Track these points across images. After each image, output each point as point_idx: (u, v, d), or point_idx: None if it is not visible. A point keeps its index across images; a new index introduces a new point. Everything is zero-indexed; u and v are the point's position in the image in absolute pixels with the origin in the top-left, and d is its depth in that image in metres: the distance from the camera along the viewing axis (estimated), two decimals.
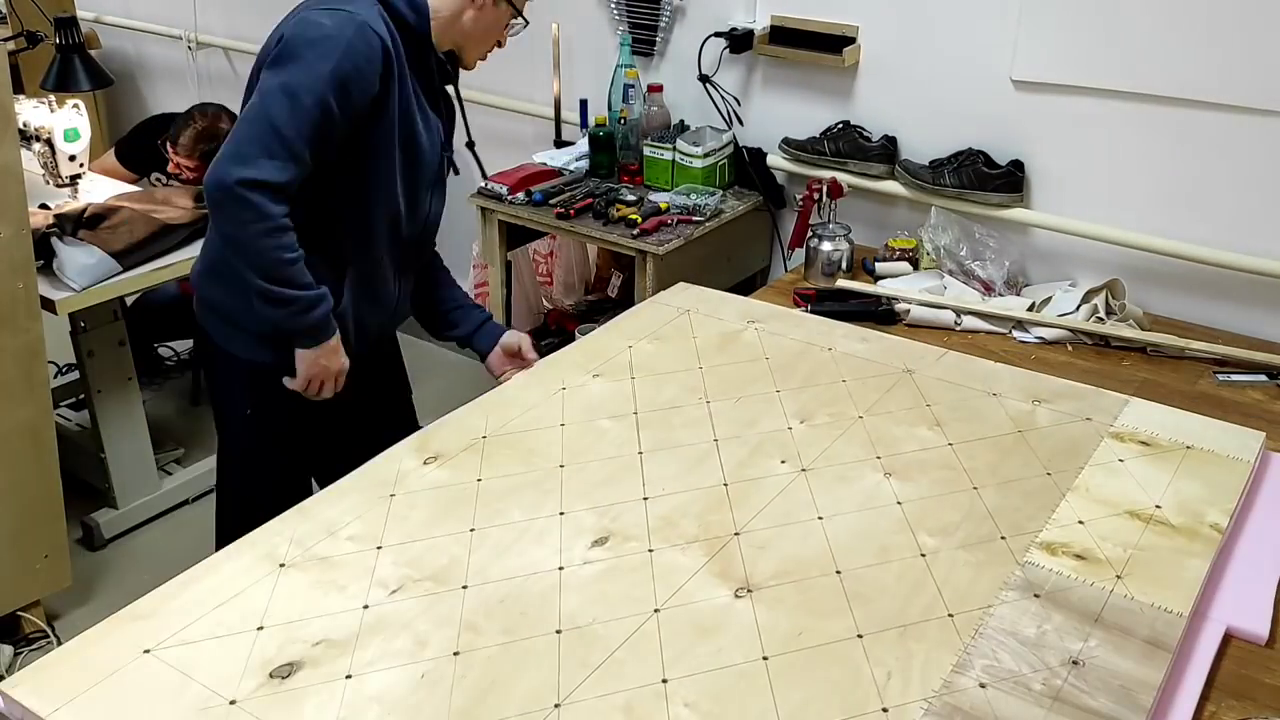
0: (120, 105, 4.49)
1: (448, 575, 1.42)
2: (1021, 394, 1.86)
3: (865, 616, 1.35)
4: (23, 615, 2.42)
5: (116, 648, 1.28)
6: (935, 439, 1.73)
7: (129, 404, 2.79)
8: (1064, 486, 1.61)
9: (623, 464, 1.66)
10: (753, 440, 1.72)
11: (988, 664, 1.27)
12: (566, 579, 1.41)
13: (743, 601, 1.37)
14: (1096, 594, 1.38)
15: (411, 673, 1.26)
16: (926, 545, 1.48)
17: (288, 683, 1.24)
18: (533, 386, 1.88)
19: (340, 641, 1.30)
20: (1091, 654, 1.29)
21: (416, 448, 1.70)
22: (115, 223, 2.56)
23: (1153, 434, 1.74)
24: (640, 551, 1.46)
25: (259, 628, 1.32)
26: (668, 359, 1.97)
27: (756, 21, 2.70)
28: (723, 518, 1.53)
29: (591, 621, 1.34)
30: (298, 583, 1.40)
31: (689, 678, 1.25)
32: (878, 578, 1.41)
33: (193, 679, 1.24)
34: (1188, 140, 2.24)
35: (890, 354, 2.00)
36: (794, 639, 1.31)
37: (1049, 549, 1.47)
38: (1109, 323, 2.21)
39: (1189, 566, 1.44)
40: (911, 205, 2.58)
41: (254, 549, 1.46)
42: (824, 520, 1.53)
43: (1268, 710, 1.30)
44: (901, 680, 1.25)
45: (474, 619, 1.34)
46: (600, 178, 2.82)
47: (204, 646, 1.29)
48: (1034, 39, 2.34)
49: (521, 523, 1.52)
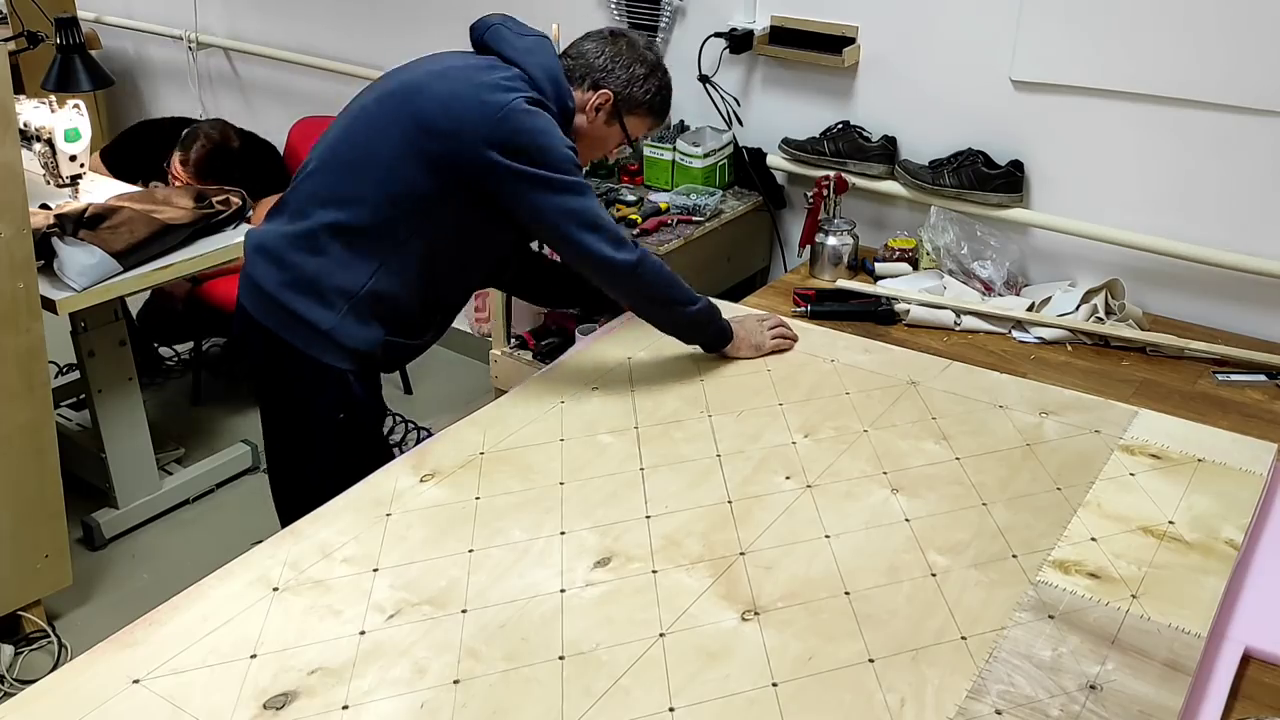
0: (121, 105, 4.47)
1: (446, 599, 1.38)
2: (1028, 406, 1.82)
3: (876, 640, 1.31)
4: (23, 615, 2.40)
5: (105, 677, 1.24)
6: (942, 453, 1.69)
7: (129, 404, 2.77)
8: (1075, 502, 1.57)
9: (624, 480, 1.62)
10: (756, 455, 1.68)
11: (1003, 689, 1.24)
12: (569, 602, 1.37)
13: (750, 625, 1.33)
14: (1112, 614, 1.35)
15: (410, 702, 1.22)
16: (937, 564, 1.44)
17: (282, 714, 1.20)
18: (531, 400, 1.84)
19: (336, 670, 1.26)
20: (1109, 678, 1.25)
21: (413, 464, 1.66)
22: (116, 223, 2.54)
23: (1163, 446, 1.71)
24: (644, 572, 1.43)
25: (252, 655, 1.28)
26: (668, 371, 1.94)
27: (756, 22, 2.67)
28: (727, 536, 1.50)
29: (595, 647, 1.30)
30: (292, 607, 1.36)
31: (697, 705, 1.21)
32: (888, 599, 1.38)
33: (184, 710, 1.20)
34: (1187, 140, 2.22)
35: (894, 365, 1.96)
36: (804, 664, 1.27)
37: (1062, 567, 1.44)
38: (1108, 323, 2.18)
39: (1205, 585, 1.41)
40: (911, 205, 2.56)
41: (247, 572, 1.42)
42: (831, 539, 1.49)
43: (1268, 710, 1.28)
44: (915, 707, 1.21)
45: (474, 645, 1.30)
46: (600, 178, 2.80)
47: (195, 676, 1.25)
48: (1034, 39, 2.32)
49: (522, 543, 1.49)
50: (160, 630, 1.32)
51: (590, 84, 1.87)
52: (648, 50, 1.92)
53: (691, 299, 1.88)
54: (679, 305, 1.88)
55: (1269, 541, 1.55)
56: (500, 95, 1.72)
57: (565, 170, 1.74)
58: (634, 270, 1.80)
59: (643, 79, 1.89)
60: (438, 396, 3.43)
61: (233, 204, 2.71)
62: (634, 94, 1.88)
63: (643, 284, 1.83)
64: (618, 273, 1.79)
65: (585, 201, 1.76)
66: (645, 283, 1.83)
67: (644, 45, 1.92)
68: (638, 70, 1.88)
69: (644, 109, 1.91)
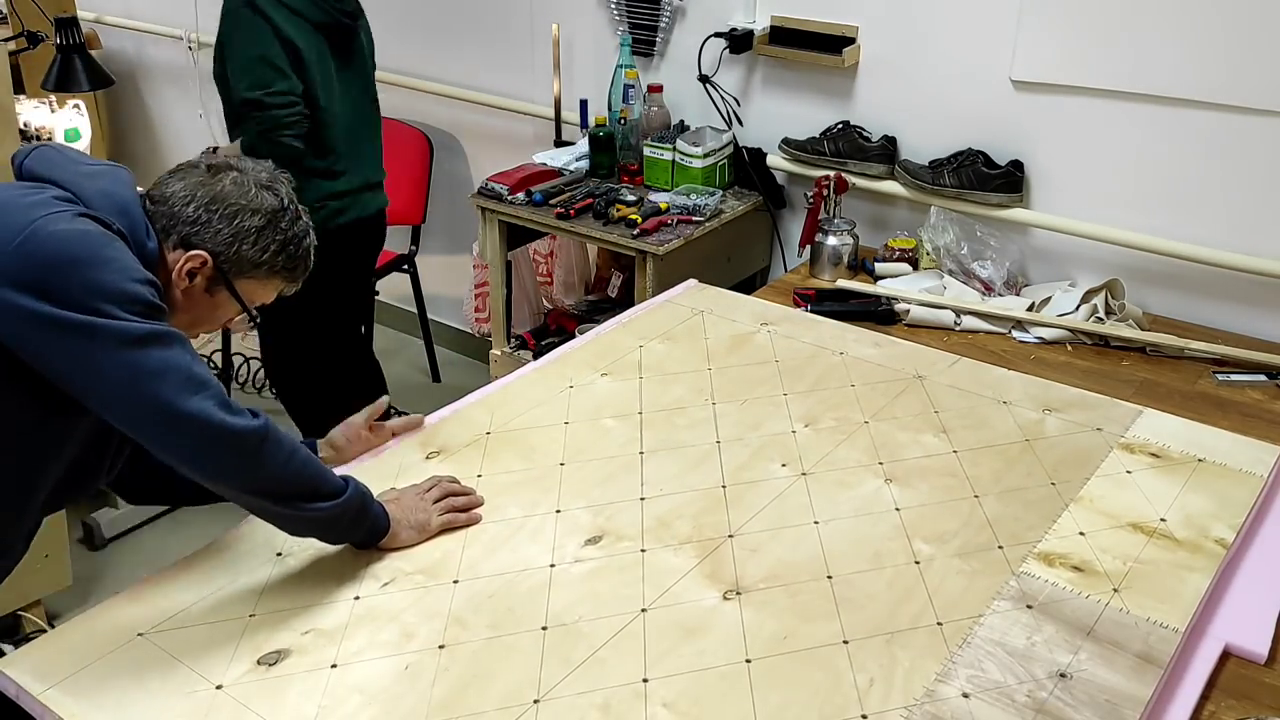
0: (121, 106, 4.50)
1: (440, 569, 1.43)
2: (1032, 403, 1.83)
3: (852, 622, 1.34)
4: (23, 615, 2.42)
5: (111, 630, 1.31)
6: (940, 446, 1.71)
7: None
8: (1068, 497, 1.58)
9: (623, 463, 1.66)
10: (755, 443, 1.72)
11: (973, 674, 1.26)
12: (557, 576, 1.42)
13: (730, 604, 1.37)
14: (1091, 606, 1.36)
15: (395, 664, 1.27)
16: (921, 552, 1.46)
17: (274, 670, 1.26)
18: (539, 383, 1.89)
19: (329, 631, 1.32)
20: (1080, 667, 1.27)
21: (420, 442, 1.71)
22: None
23: (1164, 446, 1.71)
24: (633, 551, 1.47)
25: (251, 615, 1.34)
26: (678, 359, 1.97)
27: (756, 22, 2.69)
28: (718, 519, 1.53)
29: (578, 619, 1.34)
30: (293, 572, 1.42)
31: (670, 678, 1.25)
32: (868, 584, 1.41)
33: (181, 662, 1.26)
34: (1187, 140, 2.21)
35: (902, 359, 1.98)
36: (779, 642, 1.30)
37: (1046, 560, 1.45)
38: (1108, 323, 2.18)
39: (1189, 581, 1.41)
40: (911, 205, 2.57)
41: (253, 537, 1.49)
42: (820, 525, 1.52)
43: (1268, 710, 1.28)
44: (884, 687, 1.24)
45: (462, 613, 1.35)
46: (600, 178, 2.81)
47: (196, 631, 1.31)
48: (1034, 39, 2.32)
49: (517, 519, 1.53)
50: (168, 587, 1.39)
51: (177, 241, 1.36)
52: (265, 191, 1.40)
53: (335, 487, 1.37)
54: (318, 497, 1.35)
55: (1262, 542, 1.55)
56: (25, 215, 1.23)
57: (137, 310, 1.23)
58: (261, 444, 1.28)
59: (254, 234, 1.38)
60: (438, 396, 3.47)
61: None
62: (243, 254, 1.38)
63: (272, 465, 1.30)
64: (238, 447, 1.26)
65: (174, 355, 1.24)
66: (276, 463, 1.30)
67: (258, 183, 1.40)
68: (247, 222, 1.37)
69: (263, 271, 1.41)
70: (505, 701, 1.21)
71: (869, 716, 1.20)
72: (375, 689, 1.23)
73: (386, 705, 1.21)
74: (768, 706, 1.21)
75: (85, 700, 1.21)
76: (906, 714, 1.20)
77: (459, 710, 1.20)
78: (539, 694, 1.23)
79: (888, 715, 1.20)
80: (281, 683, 1.24)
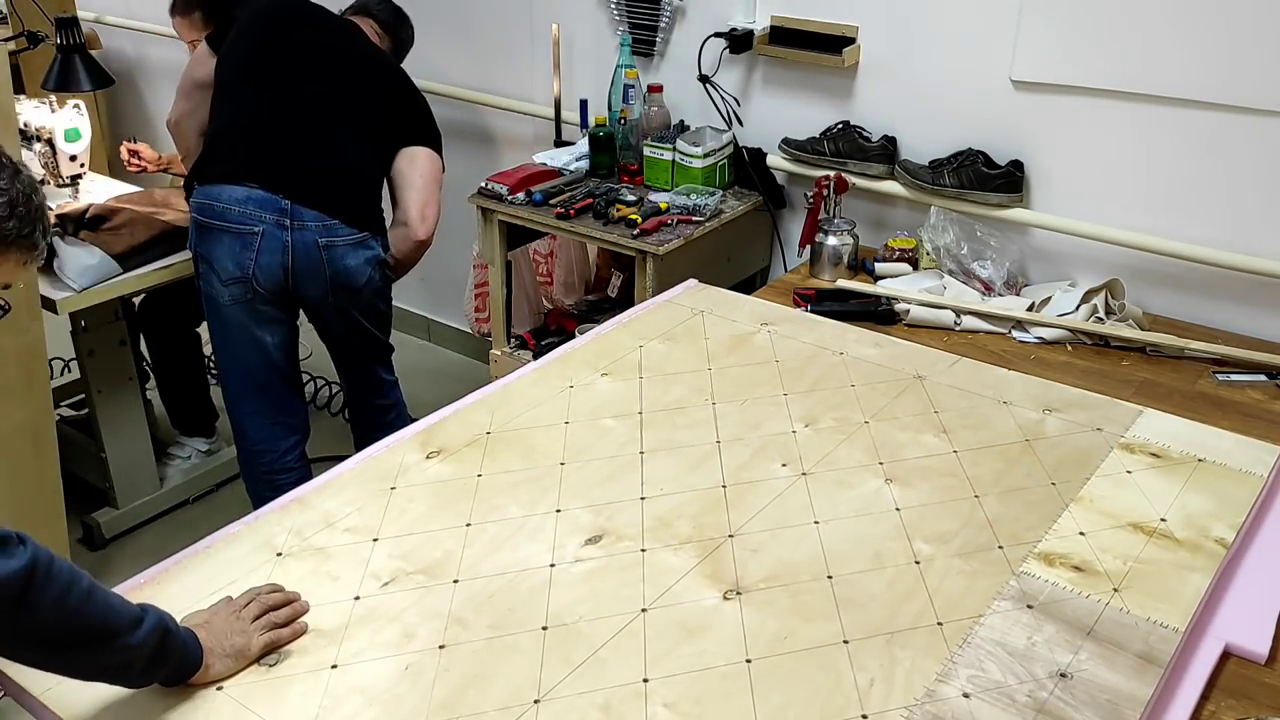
0: (121, 105, 4.50)
1: (440, 569, 1.43)
2: (1033, 403, 1.83)
3: (853, 622, 1.34)
4: None
5: None
6: (940, 446, 1.71)
7: (129, 404, 2.78)
8: (1068, 497, 1.58)
9: (623, 463, 1.66)
10: (755, 443, 1.72)
11: (973, 674, 1.26)
12: (557, 576, 1.42)
13: (731, 604, 1.37)
14: (1091, 606, 1.36)
15: (395, 664, 1.27)
16: (921, 553, 1.46)
17: (275, 670, 1.26)
18: (540, 383, 1.89)
19: (329, 631, 1.32)
20: (1080, 667, 1.27)
21: (421, 441, 1.71)
22: (117, 224, 2.56)
23: (1164, 446, 1.71)
24: (633, 551, 1.47)
25: None
26: (678, 359, 1.97)
27: (756, 22, 2.69)
28: (718, 519, 1.53)
29: (578, 619, 1.34)
30: (293, 572, 1.42)
31: (670, 678, 1.25)
32: (869, 584, 1.41)
33: None
34: (1187, 140, 2.21)
35: (902, 359, 1.98)
36: (779, 642, 1.31)
37: (1046, 559, 1.45)
38: (1108, 323, 2.18)
39: (1189, 581, 1.41)
40: (911, 205, 2.57)
41: (253, 537, 1.49)
42: (820, 525, 1.52)
43: (1268, 710, 1.28)
44: (884, 687, 1.24)
45: (462, 613, 1.35)
46: (600, 178, 2.81)
47: None
48: (1034, 39, 2.32)
49: (517, 519, 1.53)
50: (168, 587, 1.39)
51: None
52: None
53: (133, 617, 1.14)
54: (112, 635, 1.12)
55: (1262, 542, 1.55)
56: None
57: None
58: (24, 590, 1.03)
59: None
60: (438, 397, 3.45)
61: None
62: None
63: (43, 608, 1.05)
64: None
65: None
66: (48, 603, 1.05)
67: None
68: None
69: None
70: (506, 701, 1.21)
71: (869, 716, 1.20)
72: (376, 689, 1.23)
73: (387, 705, 1.21)
74: (768, 706, 1.21)
75: (85, 700, 1.21)
76: (907, 714, 1.20)
77: (459, 710, 1.20)
78: (539, 694, 1.23)
79: (888, 715, 1.20)
80: (282, 683, 1.24)
